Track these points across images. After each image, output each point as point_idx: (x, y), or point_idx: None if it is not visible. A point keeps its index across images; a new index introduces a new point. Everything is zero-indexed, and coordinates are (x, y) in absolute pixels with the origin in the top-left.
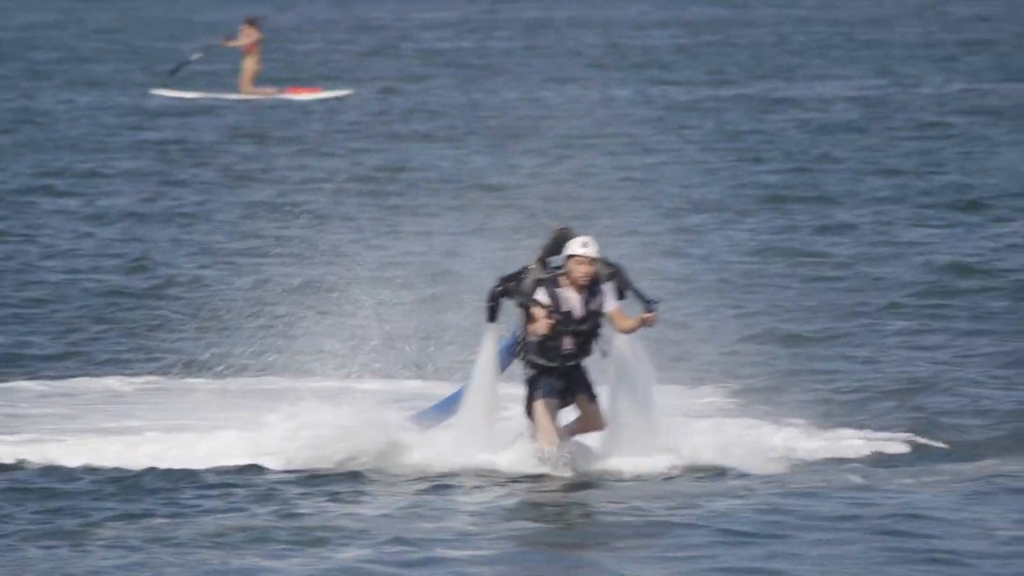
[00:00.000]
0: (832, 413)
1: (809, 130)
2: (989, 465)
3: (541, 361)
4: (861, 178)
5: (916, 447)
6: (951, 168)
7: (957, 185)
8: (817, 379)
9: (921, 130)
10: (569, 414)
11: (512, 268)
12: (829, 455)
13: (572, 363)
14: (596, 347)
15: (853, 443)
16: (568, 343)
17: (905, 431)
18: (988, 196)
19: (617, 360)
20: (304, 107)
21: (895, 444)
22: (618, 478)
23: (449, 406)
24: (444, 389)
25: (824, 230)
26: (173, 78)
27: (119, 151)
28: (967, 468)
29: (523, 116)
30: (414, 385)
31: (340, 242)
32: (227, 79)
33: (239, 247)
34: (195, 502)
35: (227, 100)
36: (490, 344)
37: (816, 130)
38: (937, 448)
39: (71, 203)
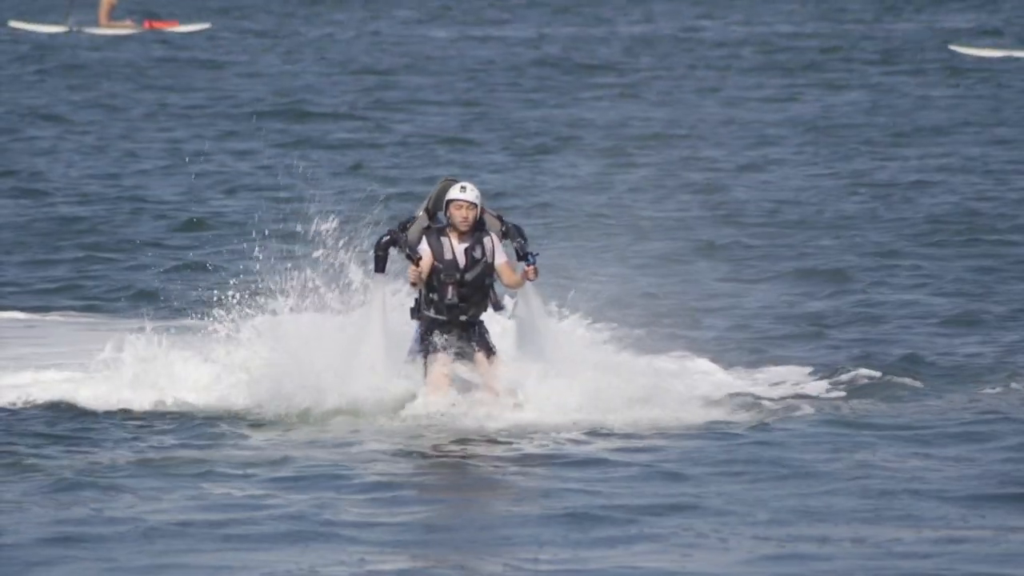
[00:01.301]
0: (737, 350)
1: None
2: (886, 407)
3: (430, 314)
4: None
5: (824, 386)
6: (805, 104)
7: (808, 122)
8: (720, 319)
9: (772, 68)
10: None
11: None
12: (736, 393)
13: (462, 317)
14: (488, 301)
15: (759, 381)
16: (451, 293)
17: (812, 370)
18: (840, 128)
19: (519, 311)
20: (164, 40)
21: (804, 384)
22: (521, 416)
23: None
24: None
25: (742, 170)
26: (71, 17)
27: None
28: (863, 406)
29: (388, 49)
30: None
31: (210, 173)
32: (88, 13)
33: (107, 180)
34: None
35: (87, 34)
36: (378, 294)
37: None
38: (843, 387)
39: None
